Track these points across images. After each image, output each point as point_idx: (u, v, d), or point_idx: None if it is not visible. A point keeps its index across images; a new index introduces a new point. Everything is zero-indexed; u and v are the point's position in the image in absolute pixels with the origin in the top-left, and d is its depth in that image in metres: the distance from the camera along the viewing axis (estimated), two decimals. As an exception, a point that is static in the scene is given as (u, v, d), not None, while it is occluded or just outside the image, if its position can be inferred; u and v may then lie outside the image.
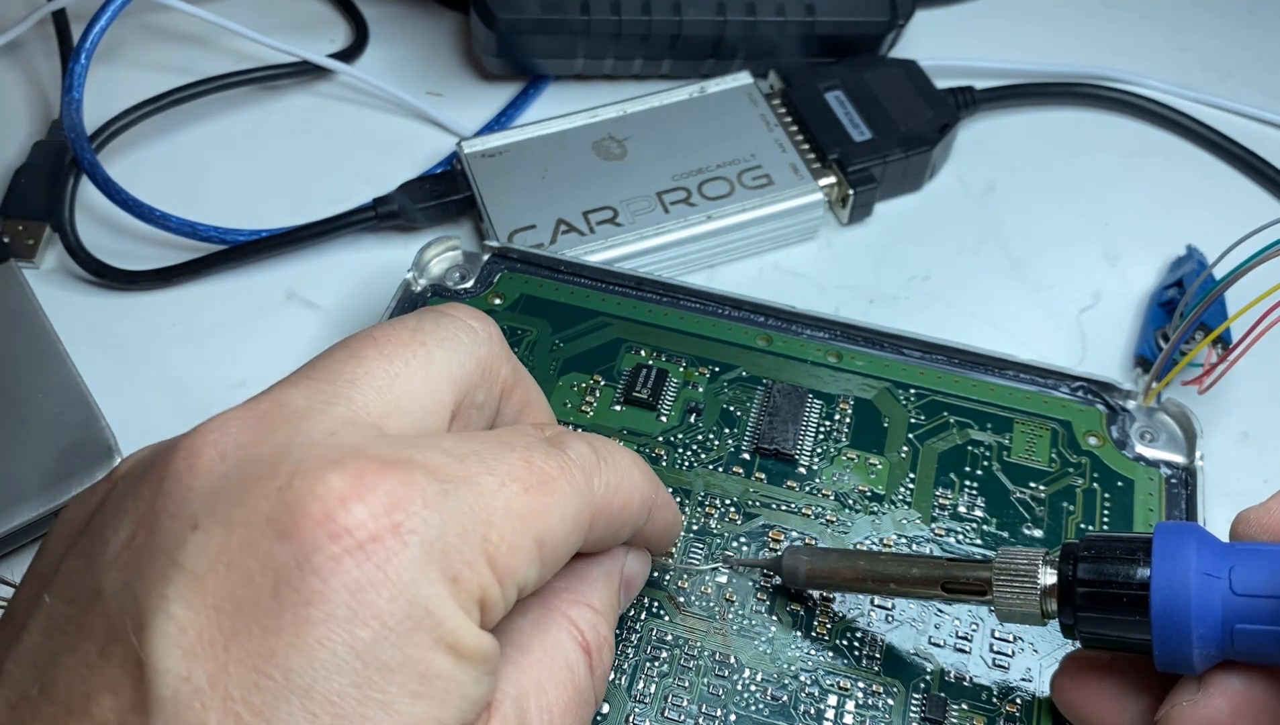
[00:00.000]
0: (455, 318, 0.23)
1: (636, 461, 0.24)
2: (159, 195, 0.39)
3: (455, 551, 0.18)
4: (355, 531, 0.17)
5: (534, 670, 0.22)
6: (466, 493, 0.19)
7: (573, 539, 0.21)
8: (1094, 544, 0.22)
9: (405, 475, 0.18)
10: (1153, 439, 0.32)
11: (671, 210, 0.39)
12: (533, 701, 0.21)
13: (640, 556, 0.26)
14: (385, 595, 0.17)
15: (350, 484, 0.18)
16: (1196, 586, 0.21)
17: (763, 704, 0.27)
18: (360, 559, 0.17)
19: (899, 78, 0.43)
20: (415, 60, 0.48)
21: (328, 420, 0.20)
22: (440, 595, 0.18)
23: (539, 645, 0.22)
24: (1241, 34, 0.50)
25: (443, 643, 0.18)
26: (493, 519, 0.19)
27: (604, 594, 0.24)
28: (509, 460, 0.20)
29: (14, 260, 0.37)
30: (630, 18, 0.43)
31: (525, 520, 0.20)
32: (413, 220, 0.40)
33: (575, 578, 0.24)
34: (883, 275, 0.40)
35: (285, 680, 0.17)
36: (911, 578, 0.25)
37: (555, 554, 0.21)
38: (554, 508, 0.20)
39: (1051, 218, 0.42)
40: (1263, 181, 0.43)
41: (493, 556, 0.19)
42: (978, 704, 0.27)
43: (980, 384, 0.33)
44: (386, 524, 0.18)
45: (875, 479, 0.31)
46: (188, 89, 0.44)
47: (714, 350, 0.34)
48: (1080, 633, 0.23)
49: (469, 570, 0.18)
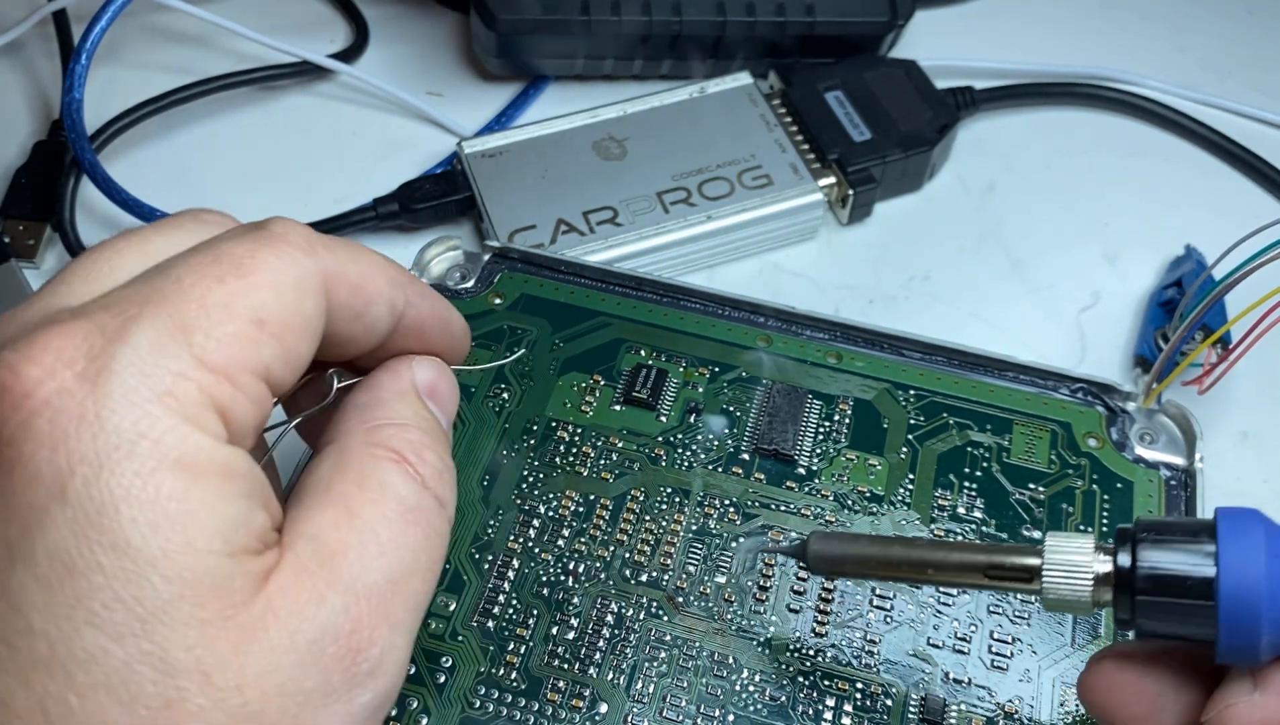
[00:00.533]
0: (194, 216, 0.22)
1: (372, 250, 0.22)
2: (159, 195, 0.39)
3: (156, 368, 0.17)
4: (35, 392, 0.17)
5: (336, 503, 0.20)
6: (152, 311, 0.18)
7: (306, 306, 0.20)
8: (1153, 527, 0.21)
9: (83, 322, 0.17)
10: (1152, 441, 0.32)
11: (671, 210, 0.39)
12: (340, 531, 0.20)
13: (430, 363, 0.24)
14: (87, 437, 0.16)
15: (21, 351, 0.17)
16: (1271, 567, 0.19)
17: (761, 704, 0.27)
18: (49, 415, 0.17)
19: (899, 78, 0.43)
20: (415, 60, 0.48)
21: (25, 313, 0.19)
22: (152, 415, 0.17)
23: (339, 480, 0.20)
24: (1241, 34, 0.50)
25: (168, 461, 0.17)
26: (188, 322, 0.18)
27: (400, 407, 0.22)
28: (194, 261, 0.19)
29: (14, 260, 0.37)
30: (630, 18, 0.43)
31: (229, 307, 0.18)
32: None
33: (363, 410, 0.22)
34: (882, 275, 0.40)
35: (8, 554, 0.16)
36: (951, 563, 0.23)
37: (289, 327, 0.19)
38: (263, 282, 0.19)
39: (1051, 218, 0.42)
40: (1262, 181, 0.43)
41: (204, 357, 0.18)
42: (977, 705, 0.27)
43: (980, 385, 0.33)
44: (69, 376, 0.17)
45: (875, 480, 0.31)
46: (188, 89, 0.44)
47: (714, 350, 0.34)
48: (1139, 623, 0.21)
49: (181, 381, 0.17)
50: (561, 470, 0.31)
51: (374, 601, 0.19)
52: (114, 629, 0.16)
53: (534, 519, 0.30)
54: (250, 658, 0.17)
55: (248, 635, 0.17)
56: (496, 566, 0.29)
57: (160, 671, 0.17)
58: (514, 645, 0.28)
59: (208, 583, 0.17)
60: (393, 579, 0.20)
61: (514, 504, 0.30)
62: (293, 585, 0.18)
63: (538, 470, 0.31)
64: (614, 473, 0.31)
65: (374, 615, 0.19)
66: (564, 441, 0.32)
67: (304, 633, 0.18)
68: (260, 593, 0.18)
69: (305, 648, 0.18)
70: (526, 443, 0.32)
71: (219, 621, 0.17)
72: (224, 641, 0.17)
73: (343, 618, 0.19)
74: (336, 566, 0.19)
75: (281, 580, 0.18)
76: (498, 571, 0.29)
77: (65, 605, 0.16)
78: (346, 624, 0.19)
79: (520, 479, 0.31)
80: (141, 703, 0.17)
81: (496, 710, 0.27)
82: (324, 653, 0.18)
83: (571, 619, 0.28)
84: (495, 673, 0.27)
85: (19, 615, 0.16)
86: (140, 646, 0.17)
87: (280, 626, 0.18)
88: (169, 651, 0.17)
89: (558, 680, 0.27)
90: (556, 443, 0.32)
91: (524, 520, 0.30)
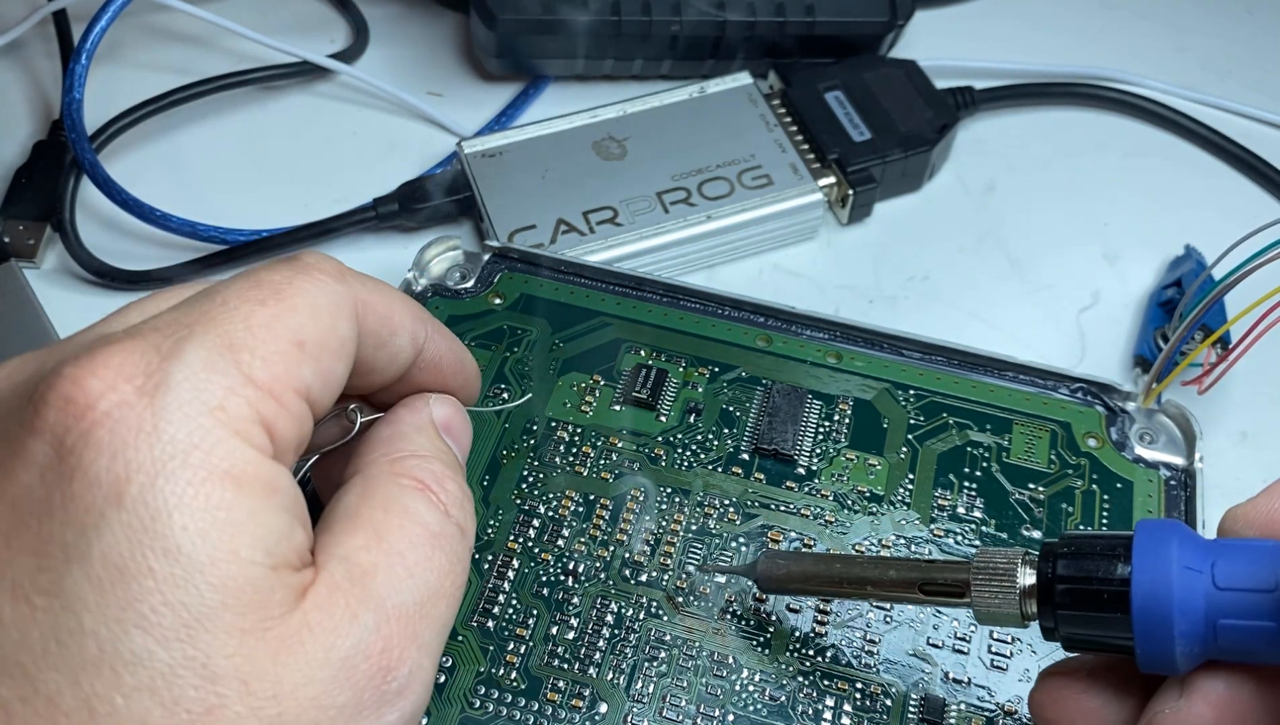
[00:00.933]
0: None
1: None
2: (159, 195, 0.39)
3: (208, 384, 0.18)
4: (98, 404, 0.17)
5: (365, 528, 0.21)
6: (201, 331, 0.19)
7: (341, 328, 0.21)
8: (1073, 542, 0.22)
9: (136, 342, 0.18)
10: (1152, 441, 0.32)
11: (671, 210, 0.39)
12: (370, 553, 0.20)
13: (446, 400, 0.25)
14: (144, 447, 0.17)
15: (82, 366, 0.18)
16: (1179, 581, 0.20)
17: (761, 704, 0.27)
18: (110, 424, 0.17)
19: (899, 78, 0.43)
20: (415, 60, 0.48)
21: (85, 336, 0.20)
22: (204, 427, 0.18)
23: (367, 506, 0.21)
24: (1240, 34, 0.50)
25: (218, 472, 0.18)
26: (235, 341, 0.19)
27: (421, 440, 0.23)
28: (237, 287, 0.20)
29: (14, 260, 0.37)
30: (630, 18, 0.43)
31: (270, 328, 0.19)
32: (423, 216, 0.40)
33: (385, 443, 0.23)
34: (882, 275, 0.40)
35: (64, 555, 0.17)
36: (888, 580, 0.25)
37: (326, 348, 0.20)
38: (301, 305, 0.20)
39: (1051, 218, 0.42)
40: (1262, 181, 0.43)
41: (250, 374, 0.19)
42: (976, 705, 0.27)
43: (980, 385, 0.33)
44: (128, 389, 0.18)
45: (874, 480, 0.31)
46: (188, 89, 0.44)
47: (714, 350, 0.34)
48: (1061, 633, 0.22)
49: (231, 395, 0.18)
50: (561, 470, 0.31)
51: (403, 622, 0.20)
52: (161, 633, 0.17)
53: (534, 519, 0.30)
54: (287, 669, 0.18)
55: (285, 647, 0.18)
56: (496, 566, 0.29)
57: (202, 677, 0.17)
58: (514, 645, 0.28)
59: (250, 593, 0.18)
60: (420, 601, 0.20)
61: (514, 504, 0.30)
62: (327, 602, 0.19)
63: (537, 470, 0.31)
64: (614, 473, 0.31)
65: (403, 635, 0.20)
66: (564, 441, 0.32)
67: (338, 649, 0.19)
68: (297, 607, 0.19)
69: (339, 663, 0.19)
70: (526, 443, 0.32)
71: (259, 632, 0.18)
72: (262, 652, 0.18)
73: (374, 636, 0.19)
74: (368, 586, 0.20)
75: (317, 596, 0.19)
76: (497, 571, 0.29)
77: (116, 607, 0.17)
78: (378, 643, 0.19)
79: (520, 479, 0.31)
80: (183, 706, 0.17)
81: (496, 710, 0.27)
82: (356, 669, 0.19)
83: (571, 619, 0.28)
84: (495, 673, 0.27)
85: (71, 615, 0.17)
86: (185, 651, 0.17)
87: (316, 641, 0.19)
88: (211, 658, 0.17)
89: (557, 680, 0.27)
90: (556, 443, 0.32)
91: (524, 520, 0.30)
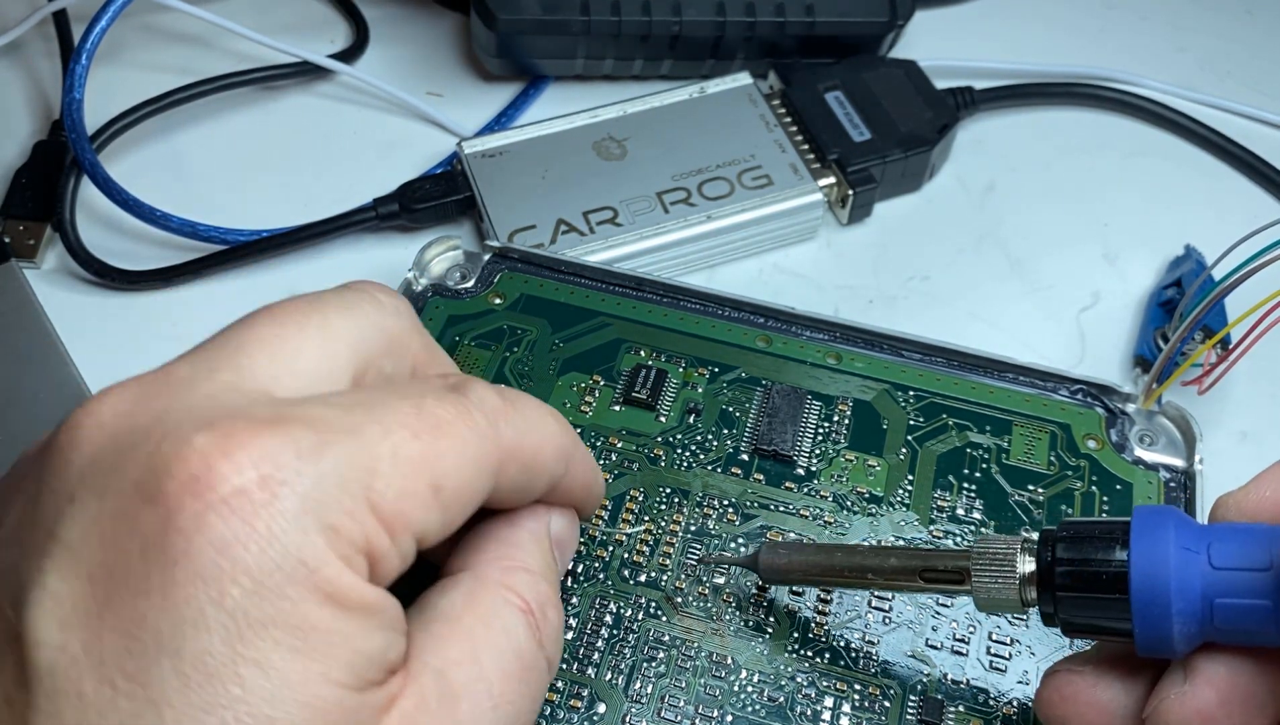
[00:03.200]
0: (361, 290, 0.22)
1: (551, 412, 0.23)
2: (159, 195, 0.39)
3: (333, 501, 0.18)
4: (219, 487, 0.17)
5: (464, 640, 0.21)
6: (348, 442, 0.18)
7: (478, 484, 0.20)
8: (1072, 527, 0.22)
9: (278, 430, 0.18)
10: (1152, 442, 0.32)
11: (671, 210, 0.39)
12: (463, 671, 0.20)
13: (566, 515, 0.25)
14: (254, 549, 0.17)
15: (217, 442, 0.17)
16: (1175, 561, 0.20)
17: (759, 705, 0.27)
18: (226, 514, 0.17)
19: (899, 78, 0.43)
20: (415, 60, 0.48)
21: (210, 385, 0.19)
22: (315, 545, 0.17)
23: (469, 614, 0.21)
24: (1240, 34, 0.50)
25: (320, 593, 0.17)
26: (377, 467, 0.18)
27: (536, 554, 0.23)
28: (399, 407, 0.19)
29: (14, 260, 0.37)
30: (630, 18, 0.43)
31: (415, 466, 0.19)
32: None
33: (502, 545, 0.23)
34: (882, 275, 0.40)
35: (156, 643, 0.17)
36: (889, 568, 0.25)
37: (458, 500, 0.20)
38: (450, 451, 0.20)
39: (1051, 218, 0.42)
40: (1261, 181, 0.43)
41: (377, 505, 0.18)
42: (975, 706, 0.27)
43: (979, 386, 0.33)
44: (253, 478, 0.17)
45: (874, 481, 0.31)
46: (188, 89, 0.44)
47: (713, 351, 0.34)
48: (1060, 617, 0.22)
49: (350, 519, 0.18)
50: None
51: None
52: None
53: (533, 519, 0.30)
54: None
55: None
56: (496, 567, 0.29)
57: None
58: (513, 646, 0.28)
59: (335, 714, 0.18)
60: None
61: (513, 504, 0.30)
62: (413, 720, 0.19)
63: (537, 471, 0.31)
64: (613, 473, 0.31)
65: None
66: (563, 442, 0.32)
67: None
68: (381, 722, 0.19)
69: None
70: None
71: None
72: None
73: None
74: (455, 711, 0.20)
75: (403, 711, 0.19)
76: (497, 572, 0.29)
77: (199, 708, 0.17)
78: None
79: (519, 479, 0.31)
80: None
81: (495, 711, 0.27)
82: None
83: (570, 619, 0.28)
84: (494, 673, 0.27)
85: (153, 708, 0.17)
86: None
87: None
88: None
89: (556, 680, 0.27)
90: (556, 443, 0.32)
91: (523, 521, 0.30)
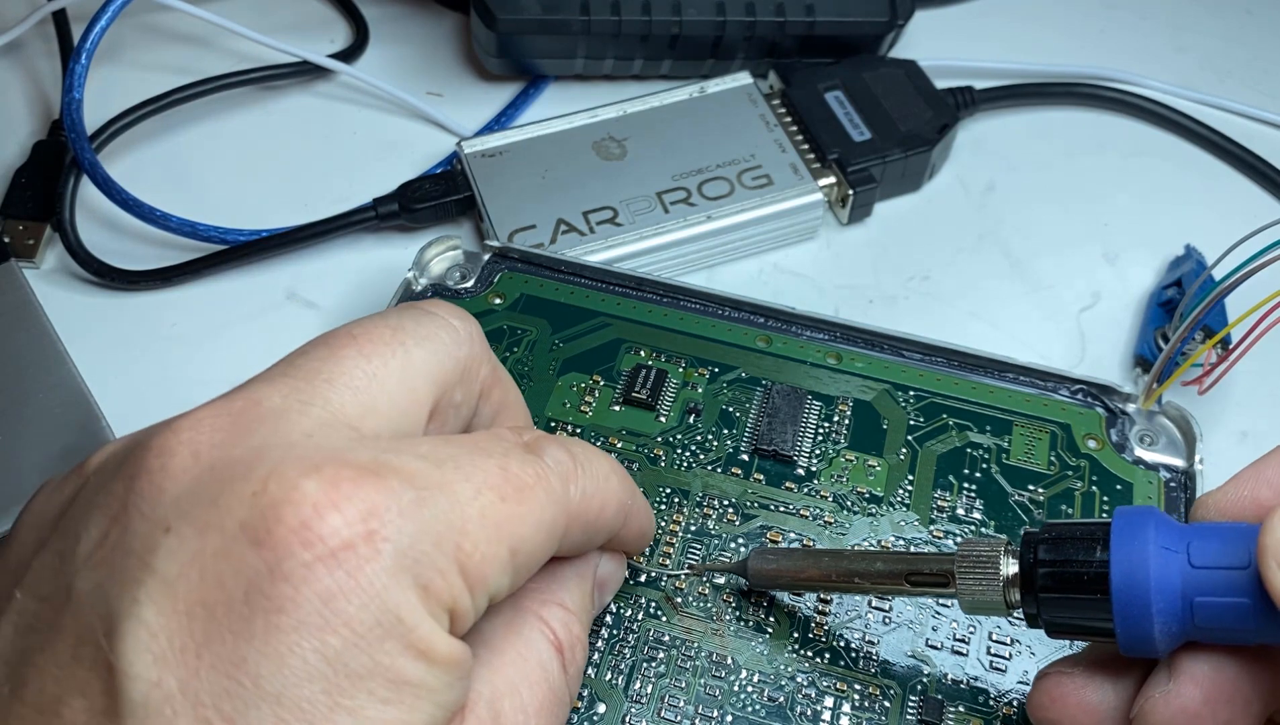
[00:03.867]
0: (436, 316, 0.23)
1: (614, 467, 0.24)
2: (159, 195, 0.39)
3: (428, 559, 0.18)
4: (329, 539, 0.17)
5: (508, 671, 0.22)
6: (442, 500, 0.19)
7: (547, 547, 0.21)
8: (1054, 529, 0.23)
9: (381, 482, 0.18)
10: (1152, 442, 0.32)
11: (671, 210, 0.39)
12: (507, 703, 0.21)
13: (614, 558, 0.26)
14: (356, 603, 0.17)
15: (325, 490, 0.18)
16: (1155, 561, 0.21)
17: (759, 705, 0.27)
18: (332, 566, 0.17)
19: (899, 78, 0.43)
20: (415, 60, 0.48)
21: (304, 421, 0.19)
22: (411, 602, 0.18)
23: (512, 646, 0.22)
24: (1240, 34, 0.50)
25: (413, 649, 0.18)
26: (467, 527, 0.19)
27: (577, 594, 0.24)
28: (485, 467, 0.20)
29: (14, 260, 0.37)
30: (630, 18, 0.43)
31: (499, 529, 0.20)
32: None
33: (548, 578, 0.24)
34: (882, 275, 0.40)
35: (256, 687, 0.17)
36: (875, 572, 0.25)
37: (528, 563, 0.21)
38: (529, 516, 0.20)
39: (1051, 218, 0.42)
40: (1261, 181, 0.43)
41: (465, 565, 0.19)
42: (975, 706, 0.27)
43: (979, 386, 0.33)
44: (361, 532, 0.18)
45: (874, 481, 0.31)
46: (188, 89, 0.44)
47: (713, 351, 0.34)
48: (1044, 618, 0.23)
49: (441, 579, 0.19)
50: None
51: None
52: None
53: (533, 519, 0.30)
54: None
55: None
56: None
57: None
58: (513, 646, 0.28)
59: None
60: None
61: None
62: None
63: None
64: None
65: None
66: (563, 442, 0.32)
67: None
68: None
69: None
70: (526, 443, 0.32)
71: None
72: None
73: None
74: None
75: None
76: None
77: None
78: None
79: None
80: None
81: (495, 711, 0.27)
82: None
83: (570, 620, 0.28)
84: (494, 673, 0.27)
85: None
86: None
87: None
88: None
89: (557, 681, 0.27)
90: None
91: (523, 521, 0.30)
